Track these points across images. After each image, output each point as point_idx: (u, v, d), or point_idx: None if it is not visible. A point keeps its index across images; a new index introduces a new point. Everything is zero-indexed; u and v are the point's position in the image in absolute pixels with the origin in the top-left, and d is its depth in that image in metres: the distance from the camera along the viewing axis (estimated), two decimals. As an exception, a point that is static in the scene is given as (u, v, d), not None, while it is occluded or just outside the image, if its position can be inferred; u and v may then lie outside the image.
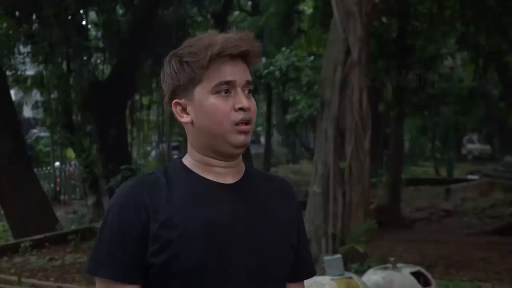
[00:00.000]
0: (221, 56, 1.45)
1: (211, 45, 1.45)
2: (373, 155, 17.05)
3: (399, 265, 5.61)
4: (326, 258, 5.66)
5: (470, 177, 21.94)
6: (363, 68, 7.79)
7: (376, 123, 14.63)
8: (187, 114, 1.50)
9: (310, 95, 19.99)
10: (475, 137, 34.95)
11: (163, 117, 20.38)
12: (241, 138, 1.47)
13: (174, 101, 1.51)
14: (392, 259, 5.76)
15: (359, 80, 7.71)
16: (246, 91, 1.49)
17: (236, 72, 1.47)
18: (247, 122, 1.47)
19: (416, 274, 5.47)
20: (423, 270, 5.65)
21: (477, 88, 22.38)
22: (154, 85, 19.82)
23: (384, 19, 12.91)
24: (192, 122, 1.50)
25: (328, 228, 7.70)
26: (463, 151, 33.68)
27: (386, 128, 17.64)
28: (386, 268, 5.59)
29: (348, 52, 7.73)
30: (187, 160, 1.54)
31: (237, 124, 1.46)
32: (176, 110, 1.52)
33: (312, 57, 17.47)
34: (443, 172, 23.71)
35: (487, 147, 34.02)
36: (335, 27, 7.95)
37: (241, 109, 1.46)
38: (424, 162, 28.47)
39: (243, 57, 1.49)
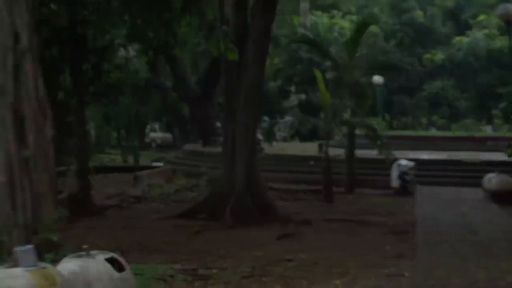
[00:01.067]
0: None
1: None
2: (59, 143, 16.54)
3: (93, 252, 5.61)
4: (18, 249, 5.40)
5: (155, 164, 22.94)
6: (35, 55, 7.64)
7: (58, 111, 14.32)
8: None
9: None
10: (157, 126, 36.51)
11: None
12: None
13: None
14: (85, 246, 5.74)
15: (32, 67, 7.55)
16: None
17: None
18: None
19: (110, 260, 5.54)
20: (116, 256, 5.74)
21: (151, 79, 23.39)
22: None
23: (53, 6, 12.63)
24: None
25: (18, 218, 7.39)
26: (147, 139, 34.94)
27: (68, 116, 17.39)
28: (80, 256, 5.56)
29: (17, 37, 7.51)
30: None
31: None
32: None
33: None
34: (130, 160, 24.32)
35: (168, 136, 35.81)
36: (0, 10, 7.62)
37: None
38: (111, 150, 28.81)
39: None
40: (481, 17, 41.00)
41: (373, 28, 33.21)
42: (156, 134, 35.97)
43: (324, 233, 10.38)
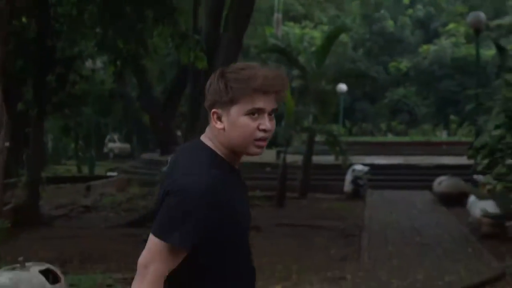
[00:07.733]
0: (258, 90, 1.88)
1: (252, 79, 1.87)
2: (15, 154, 16.34)
3: (28, 264, 5.48)
4: None
5: (109, 174, 22.76)
6: (-1, 67, 7.55)
7: (16, 122, 14.11)
8: (221, 122, 1.93)
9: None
10: (116, 136, 36.26)
11: None
12: (256, 150, 1.94)
13: (213, 110, 1.94)
14: (20, 258, 5.61)
15: (-6, 78, 7.45)
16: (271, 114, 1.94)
17: (266, 102, 1.90)
18: (265, 139, 1.93)
19: (45, 272, 5.44)
20: (52, 267, 5.63)
21: (116, 90, 23.29)
22: None
23: (24, 19, 12.57)
24: (223, 129, 1.93)
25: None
26: (105, 150, 34.67)
27: (26, 128, 17.05)
28: (14, 268, 5.44)
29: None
30: (219, 151, 1.97)
31: (257, 139, 1.91)
32: (214, 117, 1.95)
33: None
34: (85, 170, 24.08)
35: (127, 146, 35.61)
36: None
37: (263, 129, 1.90)
38: (68, 161, 28.51)
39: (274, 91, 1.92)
40: (451, 25, 41.60)
41: (343, 38, 33.48)
42: (115, 144, 35.70)
43: (273, 238, 10.40)
